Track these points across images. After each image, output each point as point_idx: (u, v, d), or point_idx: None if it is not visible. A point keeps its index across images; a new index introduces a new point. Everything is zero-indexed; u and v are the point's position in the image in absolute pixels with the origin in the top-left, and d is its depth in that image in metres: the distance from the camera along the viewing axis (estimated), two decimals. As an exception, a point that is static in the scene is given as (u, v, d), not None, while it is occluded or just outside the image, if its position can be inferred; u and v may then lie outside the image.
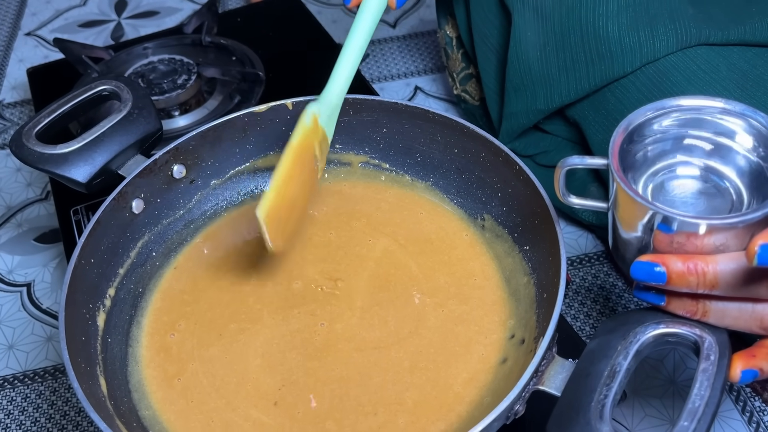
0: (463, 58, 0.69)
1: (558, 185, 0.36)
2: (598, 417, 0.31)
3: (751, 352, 0.32)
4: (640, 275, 0.32)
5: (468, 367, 0.42)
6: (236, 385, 0.43)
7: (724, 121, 0.35)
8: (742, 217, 0.30)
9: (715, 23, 0.49)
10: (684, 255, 0.31)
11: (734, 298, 0.32)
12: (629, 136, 0.34)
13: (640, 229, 0.33)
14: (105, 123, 0.48)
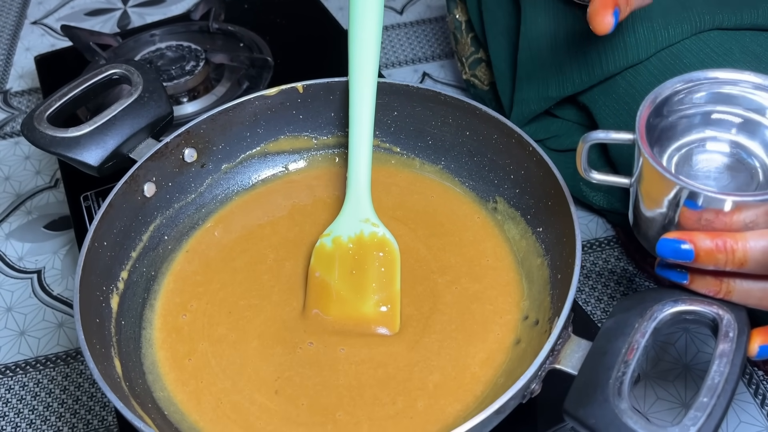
0: (472, 42, 0.69)
1: (580, 160, 0.35)
2: (617, 394, 0.30)
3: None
4: (667, 253, 0.31)
5: (485, 347, 0.42)
6: (239, 367, 0.43)
7: (756, 96, 0.34)
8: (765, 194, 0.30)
9: (728, 7, 0.49)
10: (712, 232, 0.31)
11: (760, 277, 0.32)
12: (656, 110, 0.34)
13: (666, 205, 0.32)
14: (116, 106, 0.48)
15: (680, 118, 0.35)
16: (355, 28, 0.46)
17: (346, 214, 0.46)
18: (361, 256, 0.45)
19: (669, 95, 0.34)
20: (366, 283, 0.44)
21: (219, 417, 0.40)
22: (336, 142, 0.55)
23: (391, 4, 0.96)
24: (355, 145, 0.46)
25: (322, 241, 0.46)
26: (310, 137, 0.54)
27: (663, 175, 0.31)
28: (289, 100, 0.52)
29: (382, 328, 0.44)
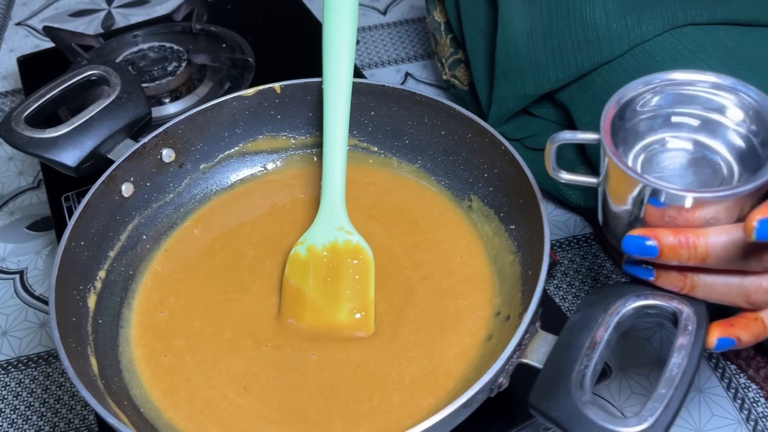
0: (451, 43, 0.70)
1: (549, 161, 0.36)
2: (579, 386, 0.31)
3: (730, 321, 0.33)
4: (632, 249, 0.32)
5: (459, 341, 0.43)
6: (212, 361, 0.43)
7: (715, 95, 0.35)
8: (733, 190, 0.30)
9: (701, 2, 0.49)
10: (675, 228, 0.32)
11: (722, 272, 0.32)
12: (620, 111, 0.34)
13: (631, 202, 0.33)
14: (94, 107, 0.48)
15: (644, 119, 0.36)
16: (329, 29, 0.47)
17: (320, 222, 0.47)
18: (335, 264, 0.45)
19: (632, 97, 0.35)
20: (340, 290, 0.45)
21: (193, 413, 0.41)
22: (314, 142, 0.55)
23: (374, 4, 0.97)
24: (330, 152, 0.46)
25: (296, 249, 0.46)
26: (289, 137, 0.55)
27: (627, 174, 0.32)
28: (267, 100, 0.52)
29: (356, 332, 0.44)
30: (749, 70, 0.48)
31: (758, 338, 0.33)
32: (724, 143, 0.35)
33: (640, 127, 0.36)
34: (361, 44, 0.90)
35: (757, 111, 0.34)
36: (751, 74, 0.48)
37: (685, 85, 0.35)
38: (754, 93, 0.34)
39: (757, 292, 0.32)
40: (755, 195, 0.31)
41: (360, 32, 0.92)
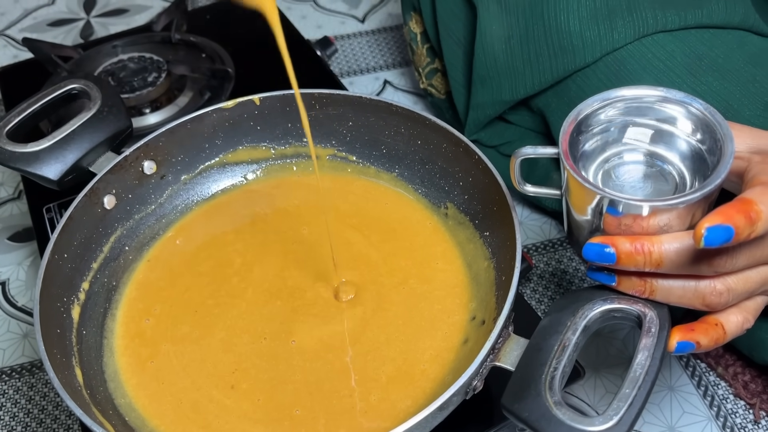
0: (428, 53, 0.71)
1: (513, 175, 0.39)
2: (548, 388, 0.33)
3: (690, 326, 0.34)
4: (592, 256, 0.34)
5: (434, 344, 0.44)
6: (199, 363, 0.45)
7: (665, 108, 0.37)
8: (680, 198, 0.32)
9: (673, 7, 0.51)
10: (631, 236, 0.33)
11: (679, 277, 0.34)
12: (578, 127, 0.36)
13: (590, 213, 0.35)
14: (75, 121, 0.49)
15: (602, 133, 0.38)
16: None
17: None
18: None
19: (589, 113, 0.37)
20: None
21: (179, 418, 0.42)
22: (293, 152, 0.56)
23: (353, 12, 0.98)
24: None
25: None
26: (268, 147, 0.56)
27: (584, 186, 0.34)
28: (246, 112, 0.53)
29: None
30: (717, 78, 0.50)
31: (717, 343, 0.34)
32: (677, 153, 0.37)
33: (599, 140, 0.37)
34: (340, 52, 0.92)
35: (703, 121, 0.36)
36: (719, 82, 0.50)
37: (638, 100, 0.37)
38: (700, 104, 0.36)
39: (711, 294, 0.34)
40: (705, 202, 0.33)
41: (339, 40, 0.93)
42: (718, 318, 0.35)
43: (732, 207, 0.30)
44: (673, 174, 0.37)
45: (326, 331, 0.46)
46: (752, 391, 0.56)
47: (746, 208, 0.30)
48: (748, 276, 0.34)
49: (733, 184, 0.36)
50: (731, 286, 0.34)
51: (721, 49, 0.50)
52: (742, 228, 0.30)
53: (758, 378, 0.56)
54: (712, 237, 0.30)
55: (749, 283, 0.34)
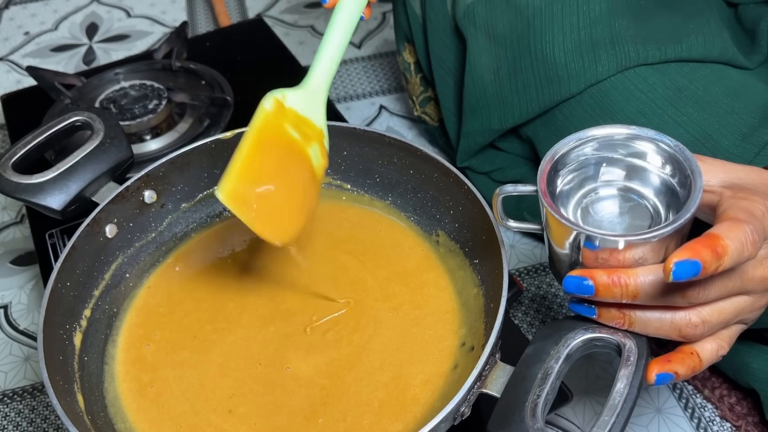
0: (421, 82, 0.73)
1: (496, 211, 0.41)
2: (532, 415, 0.34)
3: (667, 357, 0.36)
4: (572, 288, 0.36)
5: (425, 369, 0.46)
6: (198, 387, 0.46)
7: (637, 144, 0.39)
8: (652, 233, 0.34)
9: (654, 42, 0.53)
10: (609, 269, 0.35)
11: (656, 308, 0.36)
12: (555, 165, 0.38)
13: (569, 247, 0.37)
14: (78, 152, 0.51)
15: (578, 170, 0.39)
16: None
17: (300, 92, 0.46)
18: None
19: (565, 152, 0.39)
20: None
21: (178, 443, 0.43)
22: (290, 180, 0.58)
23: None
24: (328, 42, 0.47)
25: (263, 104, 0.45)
26: (265, 176, 0.57)
27: (562, 223, 0.35)
28: (244, 142, 0.55)
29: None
30: (697, 109, 0.51)
31: (694, 371, 0.36)
32: (651, 188, 0.39)
33: (575, 179, 0.39)
34: (336, 78, 0.94)
35: (673, 157, 0.37)
36: (699, 113, 0.51)
37: (610, 138, 0.39)
38: (669, 141, 0.38)
39: (687, 326, 0.35)
40: (677, 235, 0.35)
41: (335, 66, 0.95)
42: (693, 347, 0.36)
43: (699, 242, 0.32)
44: (649, 208, 0.38)
45: (322, 358, 0.47)
46: (738, 413, 0.57)
47: (713, 243, 0.32)
48: (722, 308, 0.35)
49: (707, 216, 0.38)
50: (706, 318, 0.35)
51: (700, 82, 0.52)
52: (709, 262, 0.31)
53: (744, 400, 0.58)
54: (681, 271, 0.31)
55: (723, 314, 0.35)
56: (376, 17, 1.03)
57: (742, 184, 0.37)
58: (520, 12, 0.54)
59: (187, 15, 1.08)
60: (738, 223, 0.33)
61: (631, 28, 0.53)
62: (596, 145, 0.39)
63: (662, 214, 0.38)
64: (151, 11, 1.09)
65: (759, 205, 0.34)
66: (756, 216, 0.34)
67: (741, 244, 0.32)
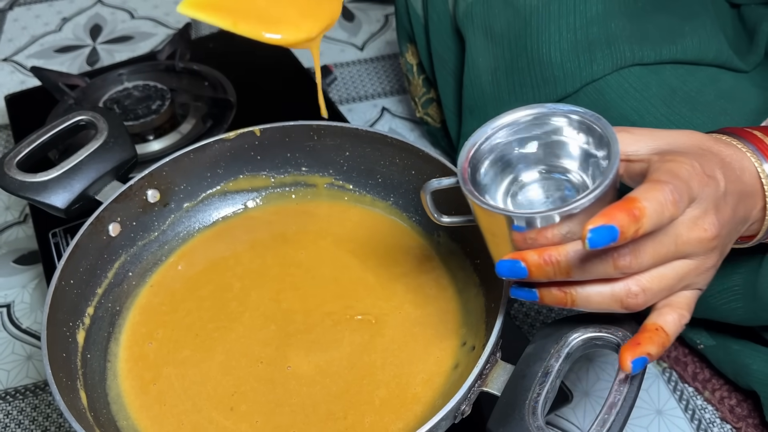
0: (424, 84, 0.73)
1: (427, 208, 0.40)
2: (532, 413, 0.34)
3: (636, 341, 0.34)
4: (505, 272, 0.35)
5: (426, 368, 0.46)
6: (200, 385, 0.46)
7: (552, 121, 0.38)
8: (570, 205, 0.33)
9: (649, 43, 0.53)
10: (539, 249, 0.34)
11: (594, 283, 0.35)
12: (476, 156, 0.38)
13: (498, 233, 0.36)
14: (82, 152, 0.51)
15: (500, 159, 0.39)
16: None
17: None
18: None
19: (483, 141, 0.38)
20: None
21: (180, 440, 0.44)
22: (292, 180, 0.58)
23: (352, 40, 1.00)
24: None
25: None
26: (268, 176, 0.58)
27: (483, 207, 0.35)
28: (247, 142, 0.55)
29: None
30: (690, 110, 0.52)
31: (664, 347, 0.35)
32: (575, 162, 0.38)
33: (498, 167, 0.39)
34: (339, 80, 0.94)
35: (589, 127, 0.36)
36: (692, 113, 0.52)
37: (522, 121, 0.38)
38: (581, 110, 0.37)
39: (627, 296, 0.34)
40: (601, 203, 0.33)
41: (338, 68, 0.96)
42: (656, 323, 0.35)
43: (616, 207, 0.31)
44: (575, 183, 0.38)
45: (323, 357, 0.47)
46: (738, 414, 0.57)
47: (629, 207, 0.31)
48: (662, 274, 0.35)
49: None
50: (645, 286, 0.34)
51: (694, 84, 0.52)
52: (626, 226, 0.30)
53: (744, 402, 0.58)
54: (597, 238, 0.30)
55: (665, 280, 0.35)
56: (378, 19, 1.04)
57: (671, 148, 0.36)
58: (517, 12, 0.55)
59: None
60: (657, 183, 0.32)
61: (627, 29, 0.53)
62: (512, 130, 0.38)
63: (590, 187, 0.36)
64: (154, 13, 1.09)
65: (685, 165, 0.34)
66: (680, 176, 0.33)
67: (660, 204, 0.31)
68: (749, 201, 0.37)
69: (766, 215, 0.39)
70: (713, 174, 0.35)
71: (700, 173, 0.34)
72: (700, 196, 0.34)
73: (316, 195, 0.58)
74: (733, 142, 0.39)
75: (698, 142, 0.37)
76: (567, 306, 0.36)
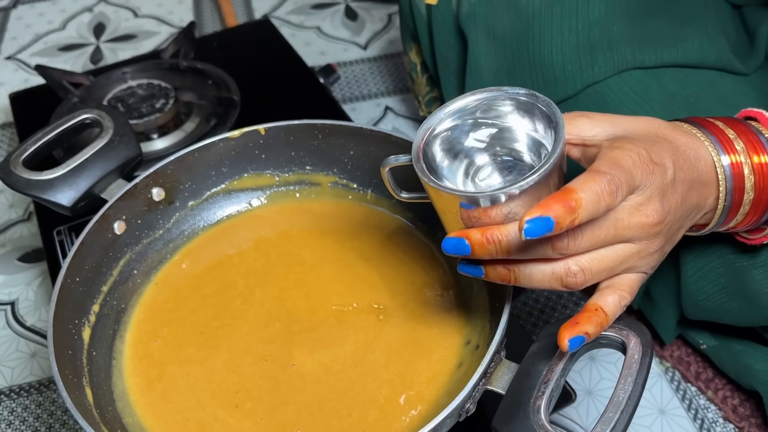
0: (427, 82, 0.74)
1: (387, 184, 0.42)
2: (536, 412, 0.34)
3: (574, 320, 0.35)
4: (450, 249, 0.36)
5: (430, 367, 0.46)
6: (205, 382, 0.47)
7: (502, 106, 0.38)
8: (510, 186, 0.34)
9: (650, 46, 0.53)
10: (482, 228, 0.35)
11: (536, 261, 0.36)
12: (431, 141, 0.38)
13: (447, 211, 0.37)
14: (88, 150, 0.51)
15: (453, 144, 0.39)
16: None
17: None
18: None
19: (437, 125, 0.39)
20: None
21: (185, 437, 0.44)
22: (296, 179, 0.58)
23: (355, 39, 1.01)
24: None
25: None
26: (272, 175, 0.58)
27: (431, 186, 0.36)
28: (251, 141, 0.56)
29: None
30: (688, 114, 0.52)
31: (602, 327, 0.35)
32: (524, 146, 0.39)
33: (452, 153, 0.39)
34: (343, 78, 0.94)
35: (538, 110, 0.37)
36: None
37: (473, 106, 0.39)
38: (523, 91, 0.37)
39: (567, 275, 0.35)
40: (545, 185, 0.34)
41: (341, 67, 0.96)
42: (596, 303, 0.36)
43: (553, 198, 0.32)
44: (527, 166, 0.38)
45: (328, 355, 0.47)
46: (741, 414, 0.57)
47: (566, 198, 0.31)
48: (602, 255, 0.35)
49: None
50: (585, 266, 0.35)
51: (693, 89, 0.52)
52: (561, 217, 0.31)
53: (747, 402, 0.58)
54: (533, 228, 0.31)
55: (605, 261, 0.35)
56: (382, 18, 1.04)
57: (626, 134, 0.37)
58: (519, 13, 0.55)
59: (194, 15, 1.08)
60: (595, 174, 0.33)
61: (629, 32, 0.53)
62: (464, 115, 0.39)
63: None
64: (158, 11, 1.10)
65: (630, 153, 0.34)
66: (621, 165, 0.33)
67: (596, 195, 0.32)
68: (703, 189, 0.38)
69: (718, 205, 0.39)
70: (661, 161, 0.35)
71: (645, 161, 0.34)
72: (644, 184, 0.34)
73: (321, 194, 0.58)
74: (693, 130, 0.39)
75: (654, 129, 0.38)
76: (510, 283, 0.37)
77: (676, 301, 0.56)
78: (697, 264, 0.51)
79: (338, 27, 1.03)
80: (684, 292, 0.52)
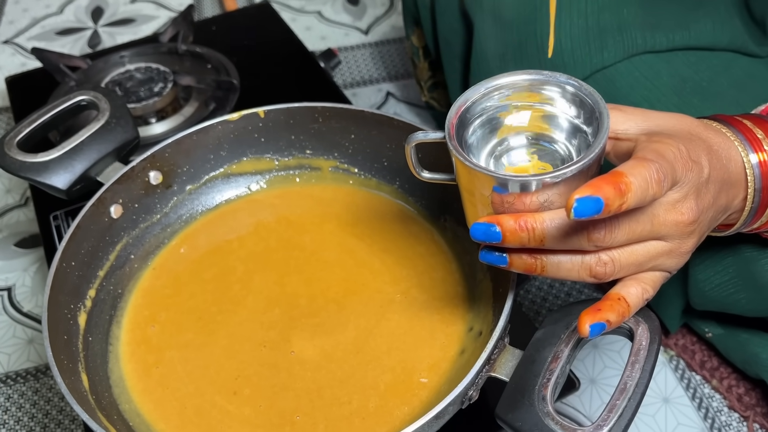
0: (430, 67, 0.72)
1: (410, 161, 0.40)
2: (541, 399, 0.34)
3: (597, 307, 0.34)
4: (479, 235, 0.35)
5: (432, 354, 0.45)
6: (203, 369, 0.46)
7: (545, 90, 0.38)
8: (554, 173, 0.33)
9: (662, 29, 0.52)
10: (515, 214, 0.34)
11: (564, 252, 0.35)
12: (465, 115, 0.37)
13: (477, 194, 0.35)
14: (84, 132, 0.50)
15: (489, 121, 0.38)
16: None
17: None
18: None
19: (475, 101, 0.37)
20: None
21: (183, 423, 0.43)
22: (296, 163, 0.57)
23: (356, 24, 0.99)
24: None
25: None
26: (272, 159, 0.57)
27: (466, 165, 0.34)
28: (250, 124, 0.55)
29: None
30: (701, 99, 0.51)
31: (624, 317, 0.35)
32: (562, 133, 0.38)
33: (486, 129, 0.38)
34: (344, 63, 0.93)
35: (582, 100, 0.36)
36: (703, 103, 0.50)
37: (517, 85, 0.38)
38: (576, 82, 0.37)
39: (597, 265, 0.34)
40: (584, 177, 0.33)
41: (342, 52, 0.95)
42: (619, 292, 0.35)
43: (602, 179, 0.31)
44: (561, 154, 0.37)
45: (328, 341, 0.47)
46: (746, 403, 0.57)
47: (616, 180, 0.31)
48: (633, 249, 0.35)
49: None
50: (615, 257, 0.34)
51: (706, 72, 0.51)
52: (611, 199, 0.30)
53: (752, 391, 0.57)
54: (582, 208, 0.30)
55: (635, 255, 0.35)
56: (383, 3, 1.02)
57: (660, 130, 0.36)
58: None
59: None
60: (644, 161, 0.32)
61: (640, 15, 0.52)
62: (505, 93, 0.38)
63: (574, 157, 0.37)
64: (156, -5, 1.08)
65: (671, 148, 0.34)
66: (665, 157, 0.33)
67: (645, 181, 0.31)
68: (732, 190, 0.37)
69: (746, 206, 0.38)
70: (698, 159, 0.35)
71: (685, 157, 0.34)
72: (683, 180, 0.34)
73: (321, 178, 0.57)
74: (723, 129, 0.38)
75: (688, 126, 0.37)
76: (535, 273, 0.36)
77: (681, 289, 0.55)
78: (704, 254, 0.50)
79: (339, 11, 1.02)
80: (691, 282, 0.52)
